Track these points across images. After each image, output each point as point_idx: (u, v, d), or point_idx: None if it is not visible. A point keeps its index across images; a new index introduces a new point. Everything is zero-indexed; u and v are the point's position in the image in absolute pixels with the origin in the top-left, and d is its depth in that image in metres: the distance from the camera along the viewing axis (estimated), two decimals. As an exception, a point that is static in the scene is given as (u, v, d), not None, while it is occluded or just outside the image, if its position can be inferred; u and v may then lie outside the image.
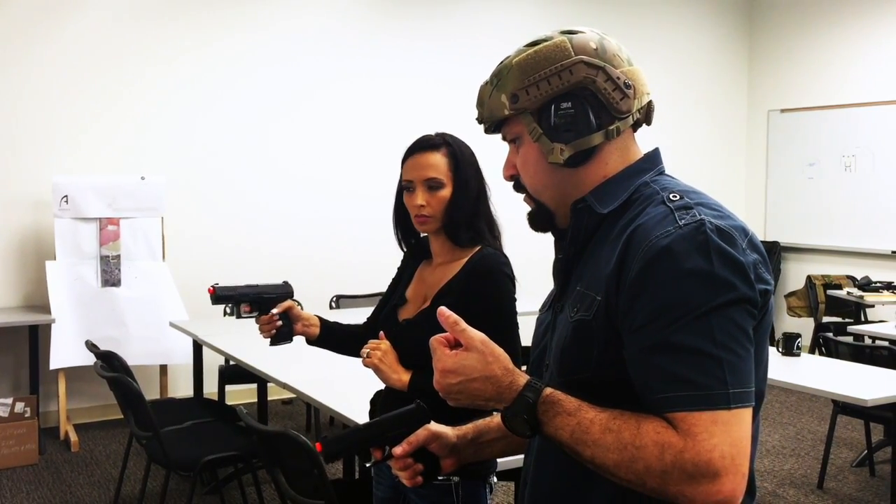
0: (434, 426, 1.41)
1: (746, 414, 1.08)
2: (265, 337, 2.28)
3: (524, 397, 1.15)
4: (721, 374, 1.07)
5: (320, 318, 2.31)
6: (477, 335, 1.19)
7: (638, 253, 1.14)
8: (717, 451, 1.05)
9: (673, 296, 1.10)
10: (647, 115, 1.31)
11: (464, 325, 1.19)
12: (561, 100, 1.25)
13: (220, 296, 2.29)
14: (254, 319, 2.29)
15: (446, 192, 2.08)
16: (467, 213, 2.10)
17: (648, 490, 1.09)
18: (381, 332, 2.14)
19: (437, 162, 2.09)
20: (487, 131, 1.36)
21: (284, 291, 2.32)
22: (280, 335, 2.25)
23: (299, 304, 2.32)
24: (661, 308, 1.10)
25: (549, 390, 1.15)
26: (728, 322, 1.09)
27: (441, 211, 2.08)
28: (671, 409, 1.08)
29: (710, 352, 1.08)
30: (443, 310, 1.21)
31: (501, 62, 1.31)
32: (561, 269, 1.33)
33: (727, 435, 1.06)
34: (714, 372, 1.07)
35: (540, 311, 1.44)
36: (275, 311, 2.24)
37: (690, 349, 1.08)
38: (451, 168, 2.09)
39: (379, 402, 2.23)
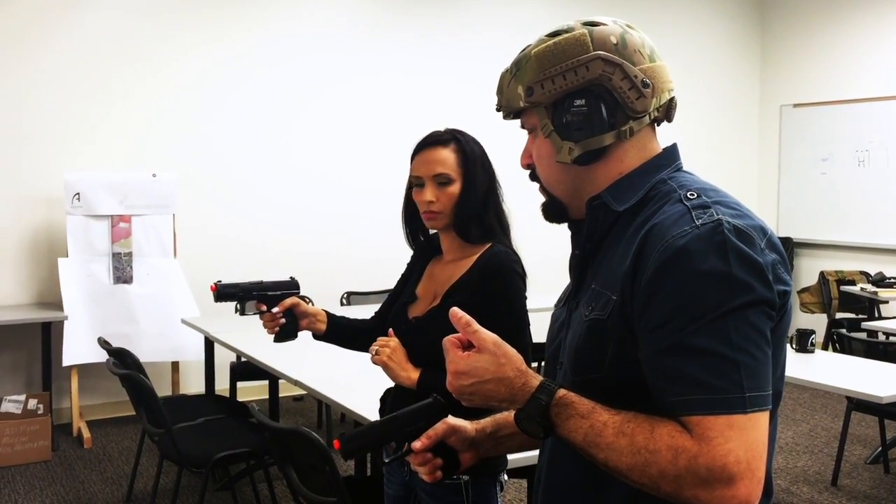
0: (452, 420, 1.39)
1: (763, 418, 1.07)
2: (269, 333, 2.27)
3: (537, 399, 1.14)
4: (737, 378, 1.05)
5: (327, 313, 2.31)
6: (489, 336, 1.18)
7: (654, 252, 1.12)
8: (732, 456, 1.03)
9: (689, 297, 1.08)
10: (667, 112, 1.28)
11: (476, 326, 1.18)
12: (575, 96, 1.23)
13: (222, 293, 2.27)
14: (258, 316, 2.28)
15: (455, 188, 2.07)
16: (477, 210, 2.08)
17: (663, 494, 1.07)
18: (391, 330, 2.13)
19: (446, 157, 2.07)
20: (506, 118, 1.35)
21: (290, 287, 2.30)
22: (284, 332, 2.24)
23: (309, 299, 2.31)
24: (677, 309, 1.08)
25: (562, 392, 1.14)
26: (745, 324, 1.07)
27: (450, 207, 2.07)
28: (686, 413, 1.06)
29: (726, 354, 1.06)
30: (455, 311, 1.19)
31: (522, 50, 1.29)
32: (577, 266, 1.32)
33: (743, 439, 1.04)
34: (730, 375, 1.05)
35: (555, 306, 1.43)
36: (276, 309, 2.23)
37: (706, 351, 1.06)
38: (460, 164, 2.08)
39: (389, 400, 2.23)
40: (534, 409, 1.14)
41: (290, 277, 2.34)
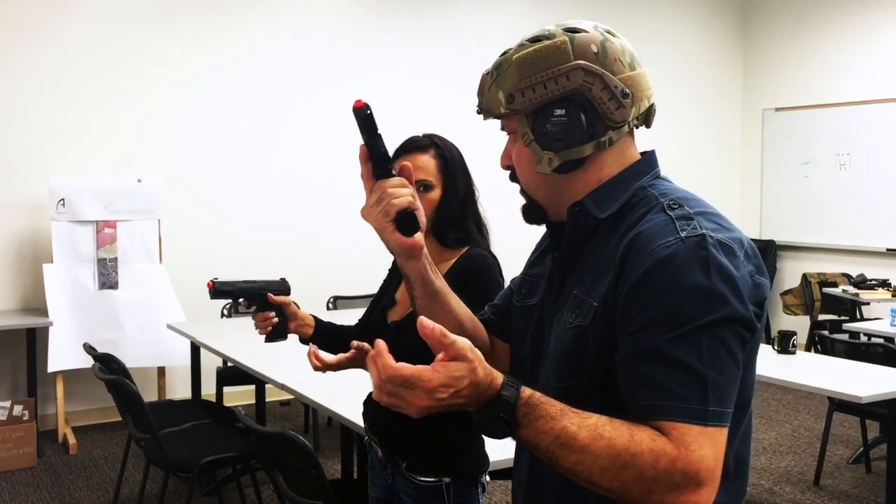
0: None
1: (723, 434, 1.10)
2: (261, 333, 2.29)
3: (502, 397, 1.08)
4: (703, 392, 1.09)
5: (315, 318, 2.33)
6: (466, 343, 1.08)
7: (638, 260, 1.14)
8: (705, 464, 1.06)
9: (669, 307, 1.10)
10: (646, 119, 1.30)
11: (451, 337, 1.07)
12: (555, 106, 1.23)
13: (218, 290, 2.30)
14: (250, 315, 2.30)
15: (435, 194, 2.08)
16: (455, 215, 2.10)
17: (627, 499, 1.08)
18: (378, 341, 2.14)
19: (426, 164, 2.08)
20: (486, 119, 1.35)
21: (282, 288, 2.33)
22: (276, 332, 2.27)
23: (295, 304, 2.33)
24: (656, 318, 1.11)
25: (528, 391, 1.09)
26: (717, 342, 1.10)
27: (430, 213, 2.08)
28: (659, 417, 1.09)
29: (696, 368, 1.09)
30: (424, 322, 1.08)
31: (503, 53, 1.29)
32: (556, 270, 1.33)
33: (712, 449, 1.08)
34: (696, 388, 1.08)
35: (517, 294, 1.44)
36: (269, 308, 2.25)
37: (679, 362, 1.09)
38: (440, 169, 2.09)
39: (371, 404, 2.25)
40: (500, 407, 1.08)
41: (281, 278, 2.37)
